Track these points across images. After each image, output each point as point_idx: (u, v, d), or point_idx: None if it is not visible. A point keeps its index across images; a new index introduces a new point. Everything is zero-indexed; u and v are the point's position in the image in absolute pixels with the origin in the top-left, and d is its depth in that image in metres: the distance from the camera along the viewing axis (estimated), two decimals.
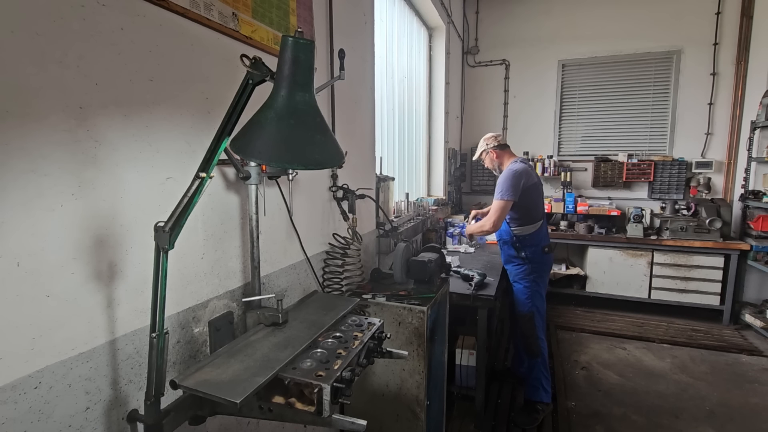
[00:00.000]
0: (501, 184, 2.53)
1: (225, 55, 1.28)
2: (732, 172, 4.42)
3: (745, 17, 4.24)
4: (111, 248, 0.97)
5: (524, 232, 2.61)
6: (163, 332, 0.92)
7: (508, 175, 2.52)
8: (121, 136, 0.98)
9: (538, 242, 2.63)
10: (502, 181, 2.54)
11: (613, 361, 3.39)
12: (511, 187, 2.49)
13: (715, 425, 2.57)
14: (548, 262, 2.73)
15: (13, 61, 0.77)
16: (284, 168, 1.45)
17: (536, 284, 2.64)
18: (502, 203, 2.51)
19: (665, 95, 4.64)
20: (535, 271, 2.63)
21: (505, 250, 2.76)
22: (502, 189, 2.51)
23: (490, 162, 2.76)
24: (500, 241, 2.78)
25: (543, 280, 2.70)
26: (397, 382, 1.87)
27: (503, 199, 2.50)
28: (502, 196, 2.50)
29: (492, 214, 2.54)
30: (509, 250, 2.70)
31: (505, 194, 2.49)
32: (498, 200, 2.52)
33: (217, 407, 1.08)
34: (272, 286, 1.57)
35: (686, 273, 4.20)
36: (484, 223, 2.59)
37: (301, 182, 1.72)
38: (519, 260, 2.66)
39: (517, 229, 2.63)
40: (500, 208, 2.51)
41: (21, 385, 0.80)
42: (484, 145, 2.74)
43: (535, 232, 2.62)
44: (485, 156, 2.76)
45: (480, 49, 5.25)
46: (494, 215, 2.52)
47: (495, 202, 2.54)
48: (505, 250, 2.76)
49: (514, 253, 2.67)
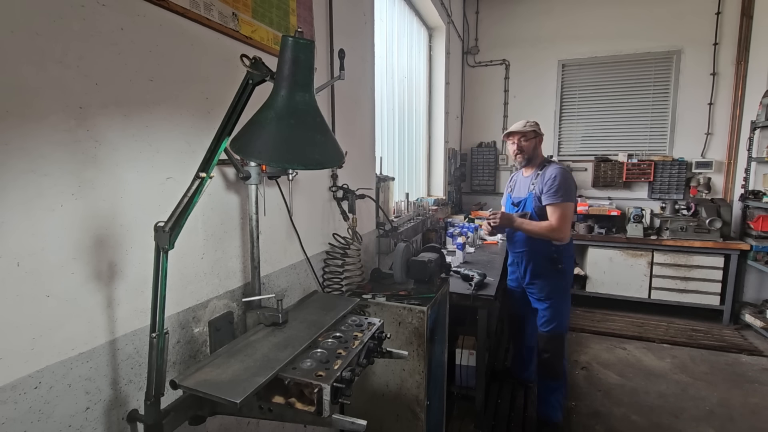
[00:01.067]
0: (560, 185, 2.24)
1: (225, 55, 1.28)
2: (732, 172, 4.42)
3: (745, 17, 4.24)
4: (111, 248, 0.97)
5: (564, 241, 2.36)
6: (163, 332, 0.92)
7: (563, 174, 2.27)
8: (121, 136, 0.98)
9: (572, 251, 2.44)
10: (560, 180, 2.24)
11: (613, 361, 3.39)
12: (571, 189, 2.25)
13: (715, 425, 2.57)
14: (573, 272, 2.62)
15: (13, 61, 0.77)
16: (284, 168, 1.45)
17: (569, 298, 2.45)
18: (569, 206, 2.23)
19: (665, 95, 4.64)
20: (569, 283, 2.45)
21: (536, 264, 2.41)
22: (564, 190, 2.23)
23: (529, 149, 2.41)
24: (525, 252, 2.44)
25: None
26: (397, 382, 1.87)
27: (568, 201, 2.23)
28: (567, 198, 2.22)
29: (559, 220, 2.23)
30: (544, 264, 2.38)
31: (568, 195, 2.23)
32: (561, 203, 2.22)
33: (217, 407, 1.08)
34: (272, 286, 1.57)
35: (686, 273, 4.20)
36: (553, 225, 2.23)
37: (301, 182, 1.72)
38: (555, 273, 2.37)
39: None
40: (569, 211, 2.23)
41: (21, 385, 0.80)
42: (538, 128, 2.43)
43: (571, 240, 2.41)
44: (529, 142, 2.41)
45: (480, 49, 5.25)
46: (563, 221, 2.22)
47: (557, 206, 2.23)
48: (536, 264, 2.41)
49: (549, 266, 2.36)
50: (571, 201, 2.24)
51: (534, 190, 2.35)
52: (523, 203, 2.42)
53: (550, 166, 2.35)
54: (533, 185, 2.36)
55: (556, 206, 2.24)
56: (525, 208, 2.39)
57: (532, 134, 2.40)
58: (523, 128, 2.39)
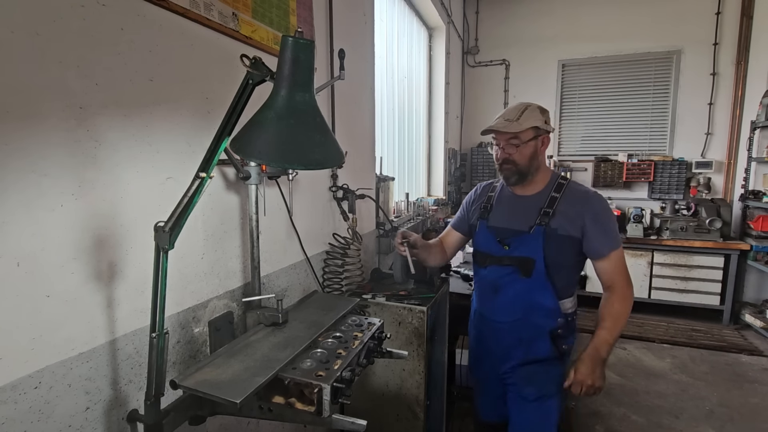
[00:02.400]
0: (614, 221, 1.47)
1: (225, 55, 1.28)
2: (732, 172, 4.41)
3: (745, 17, 4.24)
4: (111, 248, 0.97)
5: (575, 308, 1.55)
6: (163, 332, 0.92)
7: (607, 204, 1.50)
8: (121, 136, 0.98)
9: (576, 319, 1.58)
10: (611, 215, 1.47)
11: (613, 361, 3.39)
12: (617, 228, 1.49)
13: (715, 425, 2.57)
14: None
15: (13, 61, 0.77)
16: (284, 168, 1.45)
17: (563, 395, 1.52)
18: (623, 251, 1.48)
19: (665, 95, 4.64)
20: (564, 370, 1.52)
21: (530, 343, 1.52)
22: (616, 227, 1.47)
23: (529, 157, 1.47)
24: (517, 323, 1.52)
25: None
26: (397, 382, 1.87)
27: (622, 244, 1.48)
28: (620, 242, 1.48)
29: (626, 276, 1.46)
30: (542, 343, 1.50)
31: (620, 238, 1.49)
32: (617, 250, 1.45)
33: (217, 407, 1.08)
34: (272, 286, 1.57)
35: (686, 273, 4.20)
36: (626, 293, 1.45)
37: (301, 182, 1.72)
38: (553, 359, 1.51)
39: (569, 302, 1.52)
40: (624, 259, 1.48)
41: (21, 385, 0.80)
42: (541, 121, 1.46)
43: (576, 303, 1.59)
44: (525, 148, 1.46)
45: (480, 49, 5.25)
46: (626, 272, 1.47)
47: (617, 253, 1.45)
48: (530, 343, 1.52)
49: (549, 347, 1.49)
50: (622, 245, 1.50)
51: (548, 224, 1.45)
52: (523, 244, 1.48)
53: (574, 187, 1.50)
54: (545, 216, 1.46)
55: (618, 254, 1.45)
56: (527, 252, 1.47)
57: (529, 134, 1.44)
58: (518, 126, 1.42)
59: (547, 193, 1.50)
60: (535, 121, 1.44)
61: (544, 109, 1.50)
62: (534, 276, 1.47)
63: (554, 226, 1.45)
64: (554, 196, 1.49)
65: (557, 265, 1.47)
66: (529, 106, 1.47)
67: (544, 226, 1.46)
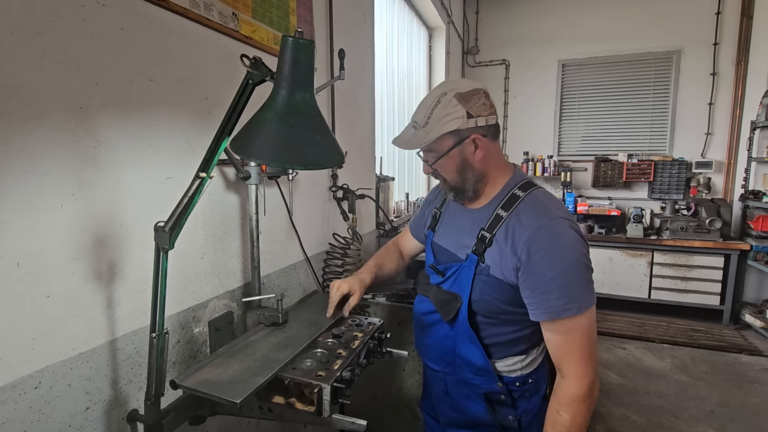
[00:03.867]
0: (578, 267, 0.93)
1: (225, 55, 1.28)
2: (732, 172, 4.42)
3: (745, 17, 4.24)
4: (111, 248, 0.97)
5: (532, 366, 1.11)
6: (163, 332, 0.92)
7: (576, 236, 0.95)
8: (121, 136, 0.98)
9: (542, 380, 1.15)
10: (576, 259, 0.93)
11: (613, 361, 3.39)
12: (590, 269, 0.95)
13: (715, 425, 2.57)
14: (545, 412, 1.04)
15: (13, 61, 0.77)
16: (284, 168, 1.45)
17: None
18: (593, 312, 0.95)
19: (665, 95, 4.64)
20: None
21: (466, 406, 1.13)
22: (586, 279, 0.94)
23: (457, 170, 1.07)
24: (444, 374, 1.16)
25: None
26: (397, 382, 1.87)
27: (593, 303, 0.94)
28: (590, 298, 0.94)
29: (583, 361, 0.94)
30: (478, 408, 1.11)
31: (591, 289, 0.95)
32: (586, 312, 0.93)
33: (217, 407, 1.08)
34: (272, 286, 1.57)
35: (686, 273, 4.20)
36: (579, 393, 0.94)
37: (301, 182, 1.72)
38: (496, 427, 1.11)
39: (520, 361, 1.09)
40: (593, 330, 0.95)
41: (21, 385, 0.80)
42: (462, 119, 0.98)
43: (542, 360, 1.14)
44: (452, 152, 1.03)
45: (480, 49, 5.25)
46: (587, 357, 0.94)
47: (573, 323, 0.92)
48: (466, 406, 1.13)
49: (486, 415, 1.10)
50: (594, 302, 0.95)
51: (484, 257, 1.03)
52: (457, 276, 1.09)
53: (530, 204, 1.01)
54: (481, 242, 1.03)
55: (581, 321, 0.93)
56: (457, 288, 1.08)
57: (448, 141, 1.02)
58: (425, 136, 1.02)
59: (493, 208, 1.05)
60: (450, 123, 0.97)
61: (470, 94, 0.99)
62: (458, 322, 1.07)
63: (487, 262, 1.02)
64: (499, 214, 1.02)
65: (490, 313, 1.04)
66: (443, 96, 0.99)
67: (478, 257, 1.03)
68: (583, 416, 0.96)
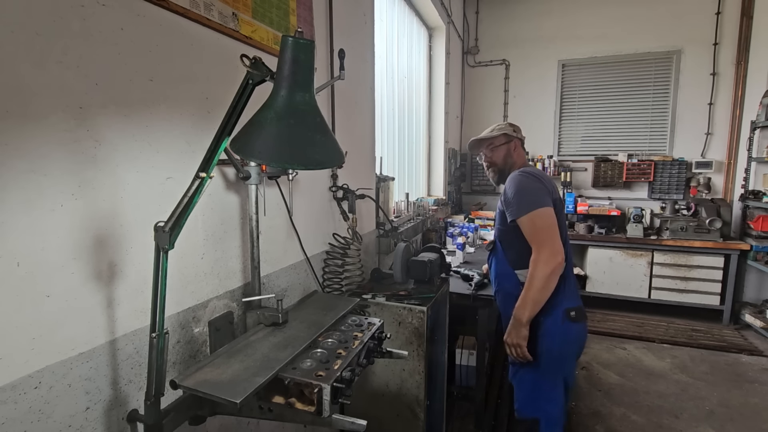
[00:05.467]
0: (518, 191, 1.61)
1: (225, 55, 1.28)
2: (732, 172, 4.41)
3: (745, 17, 4.24)
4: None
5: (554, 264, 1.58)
6: (163, 332, 0.92)
7: (520, 179, 1.64)
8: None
9: (560, 301, 1.62)
10: (517, 186, 1.62)
11: (613, 361, 3.39)
12: (536, 192, 1.59)
13: (715, 425, 2.57)
14: (575, 337, 1.64)
15: (13, 61, 0.77)
16: (284, 168, 1.45)
17: (549, 379, 1.64)
18: (539, 214, 1.55)
19: (665, 95, 4.64)
20: (550, 357, 1.62)
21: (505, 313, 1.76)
22: (528, 195, 1.58)
23: (504, 156, 1.81)
24: (500, 292, 1.82)
25: (564, 369, 1.67)
26: (397, 382, 1.87)
27: (539, 206, 1.55)
28: (533, 205, 1.55)
29: (533, 236, 1.57)
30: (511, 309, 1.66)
31: (534, 200, 1.57)
32: (528, 213, 1.56)
33: (217, 407, 1.08)
34: (272, 286, 1.57)
35: (686, 273, 4.20)
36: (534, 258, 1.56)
37: (301, 182, 1.72)
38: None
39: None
40: (540, 220, 1.55)
41: (21, 385, 0.80)
42: (510, 130, 1.83)
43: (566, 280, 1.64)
44: (502, 146, 1.81)
45: (480, 49, 5.25)
46: (538, 234, 1.55)
47: (524, 220, 1.57)
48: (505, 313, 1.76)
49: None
50: (541, 206, 1.55)
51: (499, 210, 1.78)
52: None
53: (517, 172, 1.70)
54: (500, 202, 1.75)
55: (523, 221, 1.57)
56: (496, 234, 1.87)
57: (501, 139, 1.81)
58: (496, 136, 1.82)
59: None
60: (505, 130, 1.85)
61: (516, 126, 1.89)
62: (497, 250, 1.82)
63: (499, 206, 1.78)
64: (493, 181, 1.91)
65: (506, 240, 1.75)
66: (502, 123, 1.91)
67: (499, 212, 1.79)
68: (540, 272, 1.54)
